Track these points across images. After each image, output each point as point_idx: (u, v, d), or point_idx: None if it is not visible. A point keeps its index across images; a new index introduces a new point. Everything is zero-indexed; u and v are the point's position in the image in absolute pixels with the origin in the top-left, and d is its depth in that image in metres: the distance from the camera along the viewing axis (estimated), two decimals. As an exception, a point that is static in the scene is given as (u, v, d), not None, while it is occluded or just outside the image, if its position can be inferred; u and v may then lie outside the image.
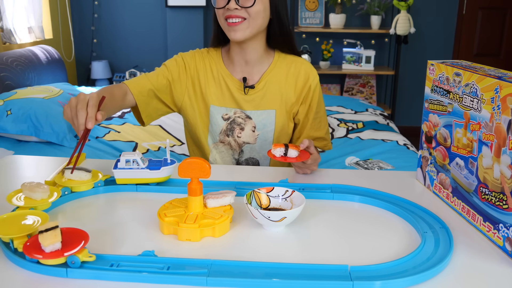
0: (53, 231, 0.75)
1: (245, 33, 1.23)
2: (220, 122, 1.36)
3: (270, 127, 1.35)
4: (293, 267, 0.76)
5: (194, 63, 1.36)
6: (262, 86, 1.34)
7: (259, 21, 1.24)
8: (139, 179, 1.08)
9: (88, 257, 0.76)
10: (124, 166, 1.07)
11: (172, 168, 1.09)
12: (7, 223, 0.84)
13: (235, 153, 1.39)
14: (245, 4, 1.21)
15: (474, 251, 0.84)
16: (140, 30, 4.16)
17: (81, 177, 1.07)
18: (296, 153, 1.12)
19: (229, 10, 1.21)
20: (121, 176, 1.07)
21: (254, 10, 1.22)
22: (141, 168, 1.07)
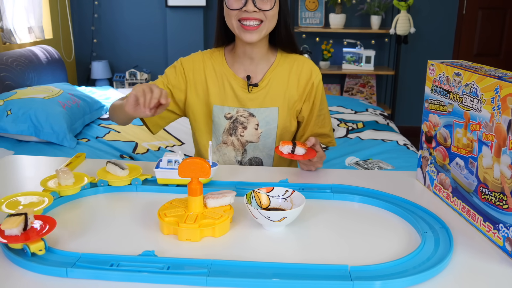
0: (16, 218, 0.79)
1: (260, 35, 1.25)
2: (223, 121, 1.36)
3: (273, 124, 1.36)
4: (293, 267, 0.76)
5: (192, 66, 1.36)
6: (266, 84, 1.35)
7: (273, 23, 1.26)
8: (180, 180, 1.07)
9: (38, 250, 0.78)
10: (166, 166, 1.07)
11: (214, 170, 1.08)
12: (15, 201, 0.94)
13: (238, 154, 1.39)
14: (264, 7, 1.22)
15: (474, 251, 0.84)
16: (140, 30, 4.16)
17: (116, 173, 1.08)
18: (304, 150, 1.15)
19: (247, 12, 1.21)
20: (162, 176, 1.07)
21: (272, 13, 1.23)
22: None
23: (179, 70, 1.36)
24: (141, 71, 4.06)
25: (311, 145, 1.18)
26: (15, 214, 0.80)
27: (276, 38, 1.33)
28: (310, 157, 1.15)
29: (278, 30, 1.30)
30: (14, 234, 0.79)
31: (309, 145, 1.18)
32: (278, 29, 1.30)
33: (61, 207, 1.00)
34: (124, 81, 4.07)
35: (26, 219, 0.80)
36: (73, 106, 2.47)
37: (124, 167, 1.10)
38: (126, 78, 4.04)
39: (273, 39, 1.35)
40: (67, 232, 0.90)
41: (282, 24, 1.29)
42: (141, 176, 1.10)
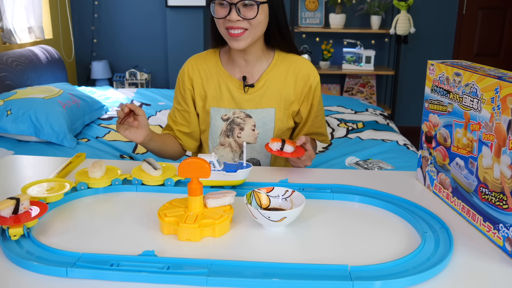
0: (8, 201, 0.84)
1: (247, 42, 1.24)
2: (220, 123, 1.36)
3: (270, 125, 1.36)
4: (293, 267, 0.76)
5: (188, 75, 1.38)
6: (262, 84, 1.34)
7: (261, 29, 1.25)
8: (215, 181, 1.07)
9: (13, 236, 0.83)
10: None
11: (248, 172, 1.08)
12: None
13: (235, 156, 1.39)
14: (247, 15, 1.20)
15: (474, 251, 0.84)
16: (140, 30, 4.16)
17: (150, 172, 1.09)
18: (292, 148, 1.18)
19: (231, 21, 1.20)
20: None
21: (257, 21, 1.21)
22: (217, 170, 1.06)
23: (182, 86, 1.40)
24: (141, 71, 4.06)
25: (301, 144, 1.20)
26: (11, 198, 0.85)
27: (270, 38, 1.32)
28: (298, 155, 1.17)
29: (271, 31, 1.29)
30: (3, 215, 0.84)
31: (299, 143, 1.20)
32: (270, 30, 1.29)
33: (61, 207, 1.00)
34: (124, 81, 4.07)
35: (18, 204, 0.85)
36: (73, 106, 2.47)
37: (157, 167, 1.10)
38: (126, 78, 4.03)
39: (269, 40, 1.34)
40: (67, 232, 0.90)
41: (275, 25, 1.28)
42: (174, 176, 1.10)
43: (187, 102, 1.39)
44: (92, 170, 1.07)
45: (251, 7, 1.20)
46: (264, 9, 1.22)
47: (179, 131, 1.42)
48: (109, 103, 3.06)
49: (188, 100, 1.39)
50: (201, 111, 1.39)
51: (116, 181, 1.09)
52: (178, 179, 1.11)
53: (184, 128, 1.41)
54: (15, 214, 0.86)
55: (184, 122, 1.41)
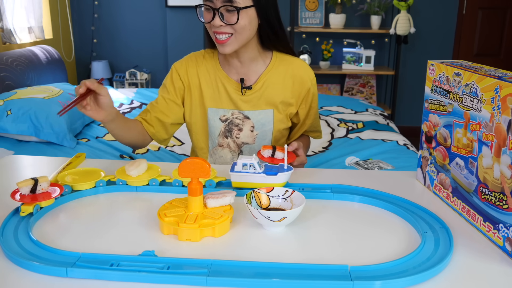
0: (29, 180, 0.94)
1: (233, 47, 1.24)
2: (218, 124, 1.36)
3: (268, 126, 1.36)
4: (293, 267, 0.76)
5: (186, 70, 1.37)
6: (260, 86, 1.34)
7: (246, 33, 1.23)
8: (255, 184, 1.06)
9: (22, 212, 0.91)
10: (241, 169, 1.06)
11: (289, 175, 1.07)
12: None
13: (234, 156, 1.40)
14: (230, 21, 1.20)
15: (474, 251, 0.84)
16: (140, 30, 4.16)
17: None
18: (283, 155, 1.18)
19: (214, 26, 1.21)
20: (238, 180, 1.07)
21: (240, 26, 1.20)
22: (258, 172, 1.06)
23: (176, 77, 1.37)
24: (141, 71, 4.06)
25: (293, 150, 1.21)
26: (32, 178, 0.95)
27: (263, 40, 1.32)
28: (289, 161, 1.17)
29: (263, 32, 1.29)
30: (22, 193, 0.94)
31: (290, 149, 1.20)
32: (263, 31, 1.28)
33: (61, 207, 1.00)
34: (124, 81, 4.07)
35: (36, 184, 0.95)
36: (73, 106, 2.46)
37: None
38: (126, 78, 4.03)
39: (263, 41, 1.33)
40: (67, 232, 0.90)
41: (266, 26, 1.27)
42: (215, 178, 1.10)
43: (177, 93, 1.37)
44: (129, 168, 1.08)
45: (233, 13, 1.19)
46: (249, 13, 1.21)
47: (156, 118, 1.36)
48: (109, 103, 3.06)
49: (178, 92, 1.37)
50: (198, 111, 1.37)
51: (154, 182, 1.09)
52: (219, 181, 1.10)
53: (163, 117, 1.36)
54: (33, 193, 0.95)
55: (165, 110, 1.36)
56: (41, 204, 0.95)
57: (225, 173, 1.19)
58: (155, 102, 1.38)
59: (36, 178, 0.96)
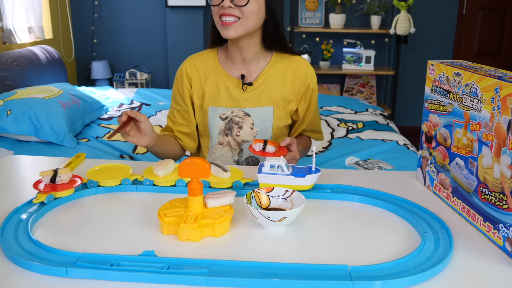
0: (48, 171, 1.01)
1: (238, 31, 1.24)
2: (218, 122, 1.37)
3: (268, 123, 1.37)
4: (293, 267, 0.76)
5: (187, 75, 1.39)
6: (260, 83, 1.36)
7: (253, 20, 1.24)
8: (283, 185, 1.05)
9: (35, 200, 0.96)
10: (269, 171, 1.05)
11: (317, 177, 1.06)
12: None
13: (234, 154, 1.40)
14: (239, 2, 1.21)
15: (474, 251, 0.84)
16: (140, 30, 4.16)
17: (219, 175, 1.08)
18: (274, 149, 1.20)
19: (223, 8, 1.22)
20: (265, 181, 1.05)
21: (248, 10, 1.22)
22: (286, 174, 1.05)
23: (180, 85, 1.40)
24: (141, 71, 4.06)
25: (286, 145, 1.21)
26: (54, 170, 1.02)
27: (265, 37, 1.32)
28: (280, 155, 1.18)
29: (266, 29, 1.30)
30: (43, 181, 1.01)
31: (283, 144, 1.21)
32: (266, 28, 1.30)
33: (61, 207, 1.00)
34: (124, 81, 4.07)
35: (55, 175, 1.01)
36: (73, 106, 2.47)
37: (227, 169, 1.09)
38: (126, 78, 4.03)
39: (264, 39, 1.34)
40: (67, 232, 0.90)
41: (271, 23, 1.28)
42: (242, 179, 1.09)
43: (186, 101, 1.39)
44: (156, 168, 1.08)
45: None
46: (259, 2, 1.23)
47: (179, 132, 1.42)
48: (109, 103, 3.06)
49: (186, 99, 1.39)
50: (198, 111, 1.39)
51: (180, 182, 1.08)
52: (246, 182, 1.10)
53: (184, 128, 1.42)
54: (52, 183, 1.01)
55: (184, 122, 1.41)
56: (56, 194, 0.99)
57: (252, 174, 1.18)
58: (173, 117, 1.43)
59: (57, 169, 1.01)
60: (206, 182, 1.08)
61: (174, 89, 1.42)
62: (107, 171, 1.12)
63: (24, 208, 0.96)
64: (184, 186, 1.08)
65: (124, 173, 1.11)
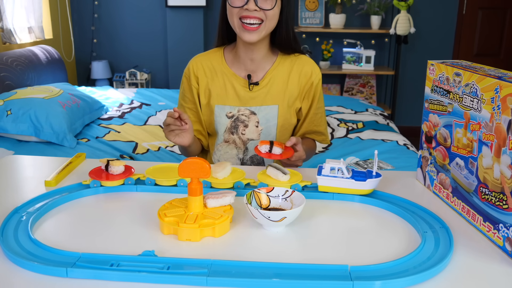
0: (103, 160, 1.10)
1: (260, 35, 1.26)
2: (224, 120, 1.38)
3: (273, 121, 1.38)
4: (293, 267, 0.76)
5: (192, 73, 1.39)
6: (267, 82, 1.37)
7: (273, 23, 1.27)
8: (342, 189, 1.04)
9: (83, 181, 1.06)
10: (328, 173, 1.04)
11: (377, 182, 1.04)
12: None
13: (239, 152, 1.41)
14: (264, 6, 1.22)
15: (474, 251, 0.84)
16: (140, 30, 4.16)
17: (278, 177, 1.07)
18: (280, 150, 1.18)
19: (247, 10, 1.22)
20: (324, 184, 1.05)
21: (272, 13, 1.24)
22: (346, 177, 1.04)
23: (189, 83, 1.40)
24: (141, 71, 4.06)
25: (291, 145, 1.20)
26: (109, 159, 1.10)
27: (276, 39, 1.34)
28: (287, 157, 1.17)
29: (279, 31, 1.31)
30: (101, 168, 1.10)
31: (289, 144, 1.20)
32: (279, 30, 1.31)
33: (61, 207, 1.00)
34: (124, 81, 4.06)
35: (108, 165, 1.08)
36: (73, 106, 2.47)
37: (286, 172, 1.08)
38: (126, 78, 4.03)
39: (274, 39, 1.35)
40: (67, 232, 0.90)
41: (284, 25, 1.30)
42: (301, 182, 1.08)
43: (195, 99, 1.40)
44: (215, 169, 1.08)
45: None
46: (278, 3, 1.24)
47: (197, 131, 1.43)
48: (109, 103, 3.06)
49: (195, 97, 1.40)
50: (205, 109, 1.40)
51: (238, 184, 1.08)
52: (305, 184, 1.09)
53: (199, 127, 1.43)
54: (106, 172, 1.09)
55: (197, 119, 1.42)
56: (103, 183, 1.07)
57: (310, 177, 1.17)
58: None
59: (110, 159, 1.09)
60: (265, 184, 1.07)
61: (184, 89, 1.42)
62: (165, 171, 1.13)
63: (24, 208, 0.96)
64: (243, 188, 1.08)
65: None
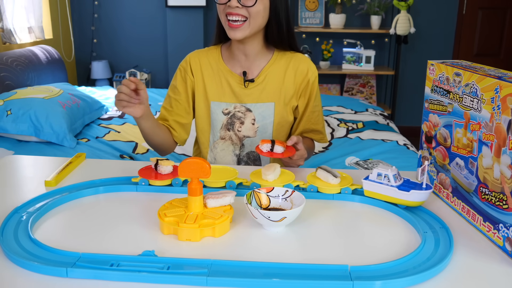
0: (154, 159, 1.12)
1: (245, 33, 1.26)
2: (221, 116, 1.38)
3: (269, 119, 1.38)
4: (293, 267, 0.76)
5: (190, 67, 1.39)
6: (262, 80, 1.37)
7: (259, 20, 1.26)
8: (386, 196, 1.00)
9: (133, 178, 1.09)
10: (375, 179, 1.01)
11: (425, 194, 0.96)
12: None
13: (236, 148, 1.41)
14: (246, 3, 1.22)
15: (474, 251, 0.84)
16: (140, 30, 4.16)
17: (328, 180, 1.07)
18: (282, 149, 1.17)
19: (230, 7, 1.23)
20: (369, 189, 1.02)
21: (255, 10, 1.23)
22: (390, 185, 0.99)
23: (184, 75, 1.40)
24: (141, 71, 4.06)
25: (292, 144, 1.19)
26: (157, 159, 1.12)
27: (268, 36, 1.34)
28: (289, 155, 1.17)
29: (270, 27, 1.31)
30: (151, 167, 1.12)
31: (290, 143, 1.19)
32: (270, 26, 1.31)
33: (61, 207, 1.00)
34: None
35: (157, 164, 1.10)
36: (73, 106, 2.47)
37: (337, 175, 1.07)
38: (126, 78, 4.03)
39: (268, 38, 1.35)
40: (67, 232, 0.90)
41: (274, 23, 1.29)
42: (351, 186, 1.07)
43: (188, 92, 1.39)
44: (266, 172, 1.07)
45: None
46: (264, 1, 1.24)
47: (175, 121, 1.40)
48: (109, 103, 3.06)
49: (188, 90, 1.39)
50: (200, 105, 1.39)
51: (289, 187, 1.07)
52: (355, 188, 1.07)
53: (181, 119, 1.40)
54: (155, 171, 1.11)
55: (182, 112, 1.40)
56: (151, 181, 1.08)
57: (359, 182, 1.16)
58: (169, 106, 1.41)
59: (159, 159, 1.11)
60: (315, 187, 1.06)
61: (176, 80, 1.41)
62: (214, 172, 1.12)
63: (24, 208, 0.96)
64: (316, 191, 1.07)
65: (230, 175, 1.11)
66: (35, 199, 1.00)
